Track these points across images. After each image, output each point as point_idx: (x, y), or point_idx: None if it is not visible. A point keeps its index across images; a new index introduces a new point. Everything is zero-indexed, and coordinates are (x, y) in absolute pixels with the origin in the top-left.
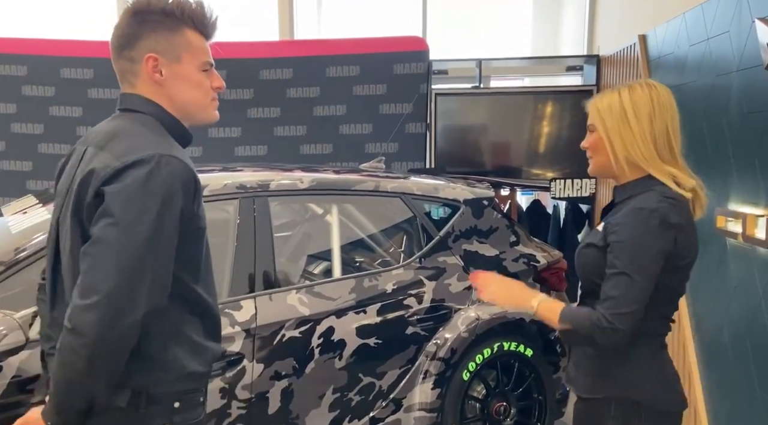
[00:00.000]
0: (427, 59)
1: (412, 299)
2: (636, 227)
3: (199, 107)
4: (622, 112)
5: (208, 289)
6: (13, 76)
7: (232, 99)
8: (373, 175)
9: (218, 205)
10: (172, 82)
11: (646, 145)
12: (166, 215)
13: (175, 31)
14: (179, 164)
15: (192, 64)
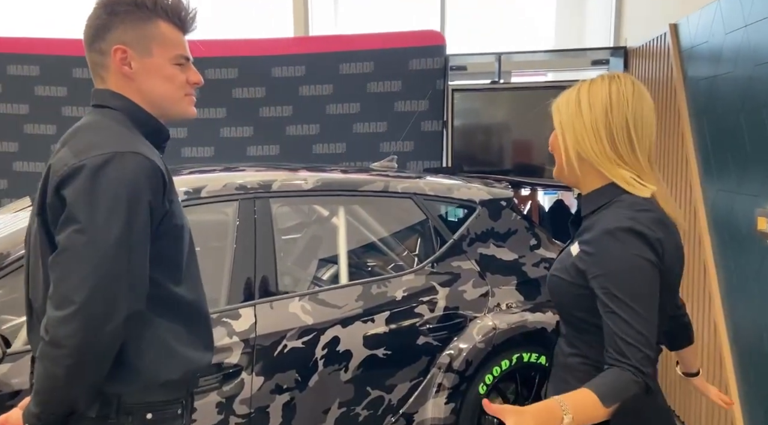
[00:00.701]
0: (444, 54)
1: (424, 307)
2: (615, 254)
3: (172, 101)
4: (576, 104)
5: (193, 291)
6: (25, 76)
7: (243, 98)
8: (382, 175)
9: (217, 207)
10: (143, 75)
11: (598, 138)
12: (134, 213)
13: (147, 23)
14: (142, 160)
15: (164, 57)
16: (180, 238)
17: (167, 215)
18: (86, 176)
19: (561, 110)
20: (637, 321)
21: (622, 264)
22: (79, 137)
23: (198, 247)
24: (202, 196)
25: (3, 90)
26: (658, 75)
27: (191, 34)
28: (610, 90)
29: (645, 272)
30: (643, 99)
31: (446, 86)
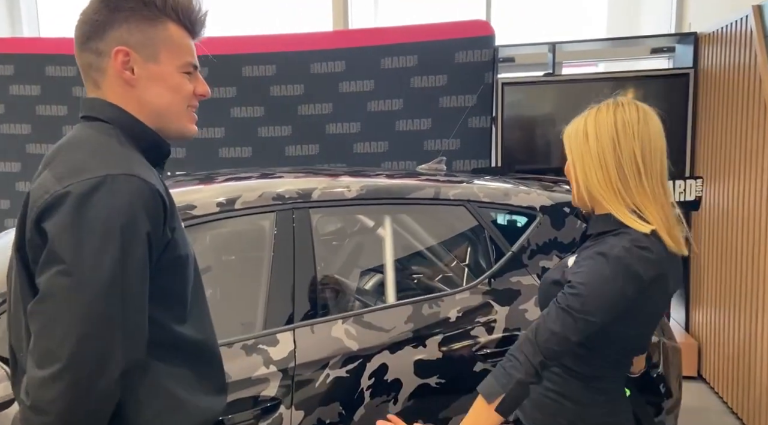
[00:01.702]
0: (493, 45)
1: (481, 329)
2: (595, 273)
3: (174, 114)
4: (584, 135)
5: (200, 329)
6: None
7: (281, 95)
8: (432, 179)
9: (252, 219)
10: (145, 83)
11: (604, 170)
12: (129, 248)
13: (155, 24)
14: (138, 183)
15: (172, 64)
16: (184, 270)
17: (169, 246)
18: (71, 205)
19: (571, 139)
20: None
21: (599, 285)
22: (64, 157)
23: (232, 264)
24: (236, 207)
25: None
26: (737, 63)
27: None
28: (616, 119)
29: (610, 302)
30: (649, 124)
31: (495, 80)
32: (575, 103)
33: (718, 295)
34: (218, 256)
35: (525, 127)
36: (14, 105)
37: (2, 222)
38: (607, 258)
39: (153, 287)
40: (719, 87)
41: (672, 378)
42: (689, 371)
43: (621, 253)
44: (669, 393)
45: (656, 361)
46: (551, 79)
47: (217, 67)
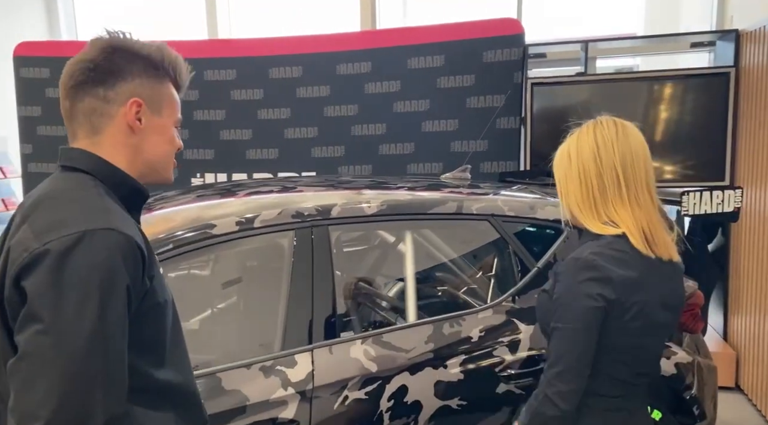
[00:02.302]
0: (523, 44)
1: (504, 349)
2: (566, 279)
3: (164, 164)
4: (567, 157)
5: (180, 372)
6: None
7: (308, 97)
8: (455, 191)
9: (271, 238)
10: (148, 133)
11: (583, 186)
12: (109, 303)
13: (160, 81)
14: (116, 237)
15: (171, 118)
16: (162, 316)
17: (147, 294)
18: (50, 264)
19: (556, 163)
20: (561, 342)
21: (566, 292)
22: (42, 212)
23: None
24: (255, 226)
25: None
26: None
27: None
28: (596, 136)
29: (579, 303)
30: (629, 137)
31: (525, 79)
32: (608, 102)
33: (757, 303)
34: (237, 275)
35: (556, 128)
36: (52, 107)
37: None
38: (577, 261)
39: (131, 336)
40: (762, 88)
41: (706, 399)
42: (726, 381)
43: (586, 255)
44: (703, 415)
45: (690, 382)
46: (583, 79)
47: (244, 69)
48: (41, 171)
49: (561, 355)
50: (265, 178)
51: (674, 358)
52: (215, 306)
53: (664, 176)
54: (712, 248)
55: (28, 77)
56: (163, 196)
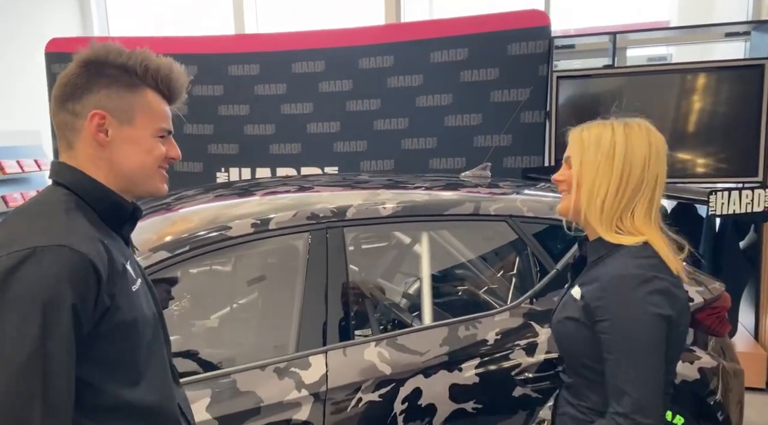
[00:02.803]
0: (549, 36)
1: (521, 352)
2: (620, 300)
3: (145, 175)
4: (611, 148)
5: (154, 390)
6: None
7: (330, 91)
8: (473, 191)
9: (286, 239)
10: (119, 145)
11: (620, 191)
12: (51, 322)
13: (133, 91)
14: (67, 254)
15: (147, 128)
16: (131, 335)
17: (109, 313)
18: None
19: (588, 147)
20: (639, 374)
21: (629, 311)
22: (8, 225)
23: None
24: (270, 228)
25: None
26: None
27: None
28: (650, 141)
29: (651, 321)
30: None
31: (550, 72)
32: (638, 94)
33: None
34: (252, 277)
35: (581, 121)
36: None
37: None
38: (625, 278)
39: (93, 354)
40: None
41: (731, 405)
42: (757, 382)
43: (634, 270)
44: (728, 421)
45: (714, 387)
46: (611, 72)
47: (268, 64)
48: None
49: (637, 386)
50: (284, 176)
51: (698, 363)
52: (230, 307)
53: (695, 169)
54: (744, 246)
55: (60, 73)
56: (183, 195)
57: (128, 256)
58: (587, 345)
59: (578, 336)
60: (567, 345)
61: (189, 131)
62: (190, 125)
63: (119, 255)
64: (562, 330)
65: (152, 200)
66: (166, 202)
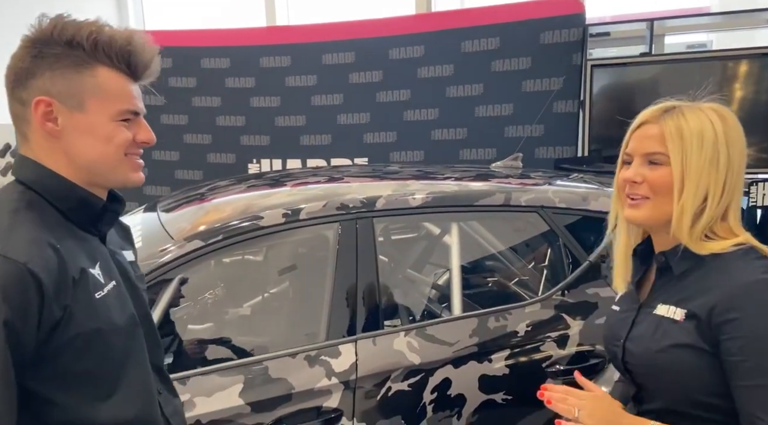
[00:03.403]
0: (583, 23)
1: (552, 344)
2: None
3: (107, 166)
4: (714, 149)
5: (128, 403)
6: None
7: (360, 83)
8: (504, 182)
9: (316, 229)
10: (71, 134)
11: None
12: None
13: (81, 70)
14: (2, 265)
15: (102, 113)
16: (95, 346)
17: (61, 325)
18: None
19: (691, 144)
20: None
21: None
22: None
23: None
24: (301, 218)
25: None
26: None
27: None
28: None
29: None
30: None
31: (584, 61)
32: (675, 82)
33: None
34: (283, 266)
35: (617, 111)
36: None
37: None
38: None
39: (52, 370)
40: None
41: None
42: None
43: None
44: None
45: None
46: (648, 60)
47: (298, 55)
48: None
49: None
50: (314, 167)
51: None
52: (262, 296)
53: None
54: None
55: None
56: (216, 185)
57: (99, 257)
58: (707, 375)
59: (697, 367)
60: (675, 380)
61: (221, 123)
62: (223, 116)
63: (83, 258)
64: (669, 361)
65: (187, 189)
66: (200, 192)
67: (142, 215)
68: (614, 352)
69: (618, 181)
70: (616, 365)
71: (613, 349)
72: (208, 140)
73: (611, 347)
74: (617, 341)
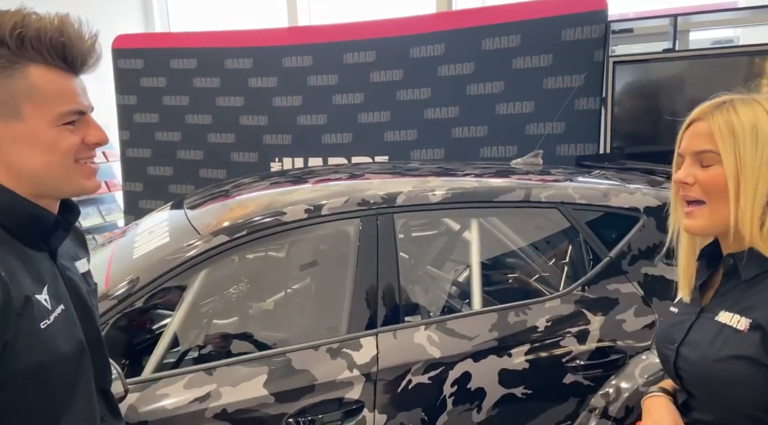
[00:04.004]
0: (605, 20)
1: (572, 340)
2: None
3: (57, 176)
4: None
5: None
6: (185, 70)
7: (381, 81)
8: (524, 178)
9: (337, 225)
10: (11, 145)
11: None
12: None
13: (10, 72)
14: None
15: (40, 118)
16: (40, 379)
17: (1, 361)
18: None
19: (744, 139)
20: None
21: None
22: None
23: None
24: (323, 214)
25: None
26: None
27: None
28: None
29: None
30: None
31: (606, 57)
32: (700, 79)
33: None
34: (306, 261)
35: (640, 108)
36: (146, 96)
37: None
38: None
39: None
40: None
41: None
42: None
43: None
44: None
45: None
46: (671, 56)
47: (320, 55)
48: (137, 156)
49: None
50: (336, 165)
51: None
52: (285, 290)
53: None
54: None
55: (125, 68)
56: (241, 182)
57: (47, 278)
58: (759, 390)
59: (758, 381)
60: (732, 393)
61: (244, 122)
62: (246, 116)
63: (28, 284)
64: (726, 372)
65: (211, 186)
66: (224, 189)
67: (169, 212)
68: (667, 355)
69: (673, 184)
70: (666, 368)
71: (666, 352)
72: (231, 139)
73: (664, 349)
74: (671, 344)
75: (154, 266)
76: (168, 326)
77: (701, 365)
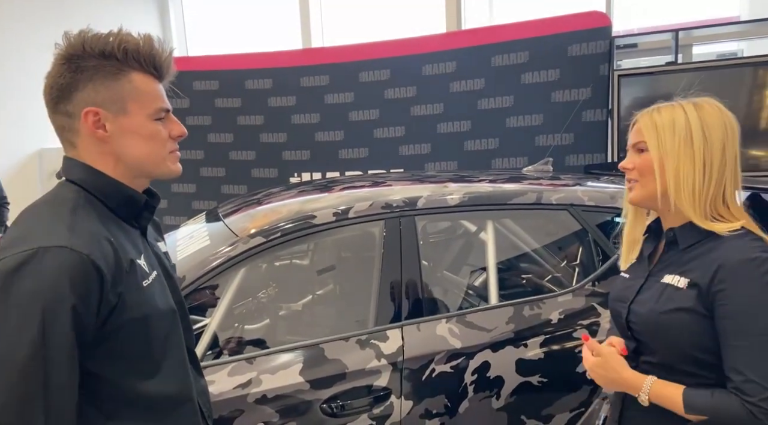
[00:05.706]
0: (609, 36)
1: (584, 331)
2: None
3: (156, 162)
4: (686, 131)
5: (172, 380)
6: (207, 91)
7: (395, 98)
8: (535, 183)
9: (364, 226)
10: (120, 137)
11: (707, 176)
12: (51, 324)
13: (118, 77)
14: (68, 255)
15: (142, 113)
16: (143, 330)
17: (116, 311)
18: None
19: (663, 132)
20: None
21: (763, 295)
22: (19, 224)
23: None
24: (350, 216)
25: (190, 105)
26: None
27: None
28: (724, 121)
29: None
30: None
31: (611, 71)
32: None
33: None
34: (335, 260)
35: None
36: None
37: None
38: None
39: (106, 351)
40: None
41: None
42: None
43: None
44: None
45: None
46: (673, 69)
47: (336, 74)
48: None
49: None
50: (358, 175)
51: None
52: (317, 288)
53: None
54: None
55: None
56: (270, 192)
57: (143, 249)
58: (703, 336)
59: (695, 327)
60: (675, 338)
61: (264, 140)
62: (266, 133)
63: (131, 250)
64: (669, 322)
65: (242, 196)
66: (256, 198)
67: (205, 220)
68: (619, 312)
69: None
70: (618, 323)
71: (619, 309)
72: (252, 156)
73: (618, 307)
74: (623, 303)
75: (199, 266)
76: (211, 319)
77: (650, 317)
